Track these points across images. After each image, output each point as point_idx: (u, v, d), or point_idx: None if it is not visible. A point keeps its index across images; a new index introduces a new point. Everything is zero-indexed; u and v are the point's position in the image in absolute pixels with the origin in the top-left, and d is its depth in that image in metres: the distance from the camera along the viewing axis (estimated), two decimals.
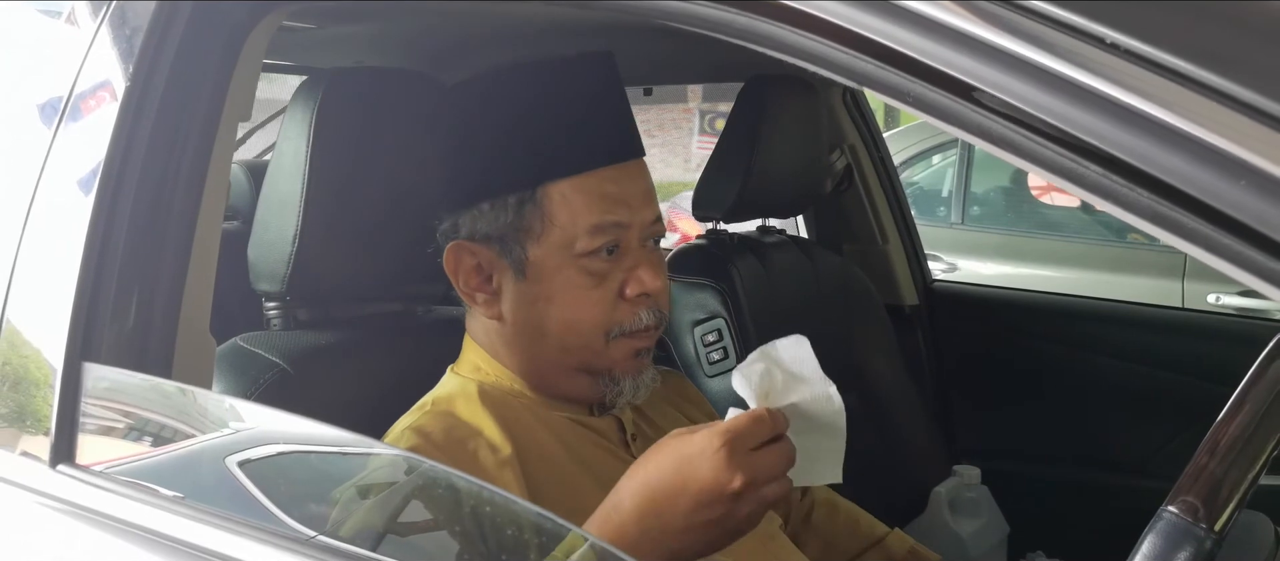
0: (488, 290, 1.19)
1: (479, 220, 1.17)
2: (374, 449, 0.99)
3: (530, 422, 1.17)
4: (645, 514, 0.93)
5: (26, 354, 1.11)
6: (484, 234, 1.17)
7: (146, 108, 1.10)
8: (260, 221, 1.32)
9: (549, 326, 1.16)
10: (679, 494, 0.92)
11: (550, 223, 1.14)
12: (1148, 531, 0.75)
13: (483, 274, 1.18)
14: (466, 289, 1.19)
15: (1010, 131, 0.67)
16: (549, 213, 1.14)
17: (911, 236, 2.54)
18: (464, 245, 1.18)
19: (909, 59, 0.69)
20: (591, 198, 1.14)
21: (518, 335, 1.18)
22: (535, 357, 1.19)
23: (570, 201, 1.14)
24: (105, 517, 0.98)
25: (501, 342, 1.20)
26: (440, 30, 1.98)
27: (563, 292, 1.15)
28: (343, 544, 0.89)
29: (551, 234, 1.14)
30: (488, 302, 1.19)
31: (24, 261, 1.11)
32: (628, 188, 1.16)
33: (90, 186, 1.09)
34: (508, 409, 1.17)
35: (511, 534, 0.84)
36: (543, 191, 1.14)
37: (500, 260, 1.17)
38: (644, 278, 1.16)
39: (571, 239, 1.14)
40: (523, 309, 1.17)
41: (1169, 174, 0.59)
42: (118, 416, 1.06)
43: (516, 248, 1.16)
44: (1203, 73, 0.60)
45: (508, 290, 1.18)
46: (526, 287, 1.16)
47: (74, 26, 1.18)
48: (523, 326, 1.18)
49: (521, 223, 1.15)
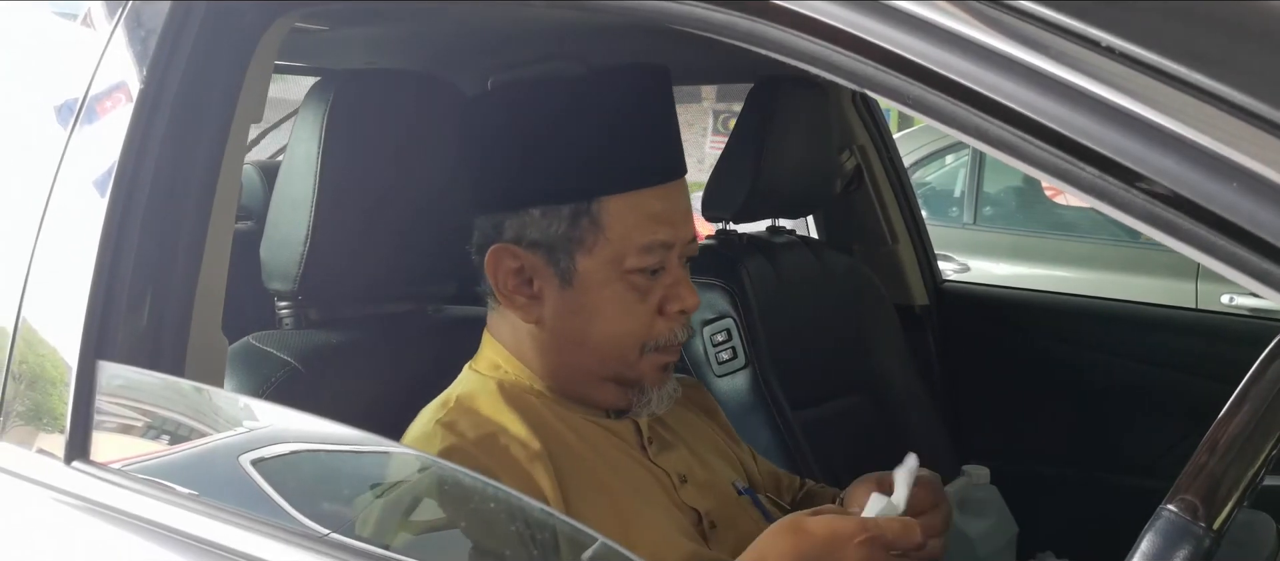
0: (527, 293, 1.18)
1: (528, 225, 1.16)
2: (395, 448, 1.01)
3: (551, 421, 1.17)
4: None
5: (43, 352, 1.12)
6: (532, 240, 1.16)
7: (160, 109, 1.12)
8: (272, 221, 1.33)
9: (589, 336, 1.17)
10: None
11: (603, 237, 1.15)
12: (1147, 529, 0.76)
13: (523, 277, 1.18)
14: (505, 290, 1.19)
15: (1007, 133, 0.68)
16: (602, 225, 1.14)
17: (921, 237, 2.54)
18: (508, 248, 1.17)
19: (907, 61, 0.70)
20: (643, 216, 1.15)
21: (555, 341, 1.19)
22: (569, 364, 1.19)
23: (624, 218, 1.15)
24: (119, 513, 0.99)
25: (533, 345, 1.20)
26: (452, 32, 2.00)
27: (607, 305, 1.16)
28: (354, 541, 0.91)
29: (602, 247, 1.15)
30: (526, 307, 1.18)
31: (40, 261, 1.12)
32: (675, 207, 1.18)
33: (105, 187, 1.10)
34: (528, 406, 1.18)
35: (550, 537, 0.87)
36: (599, 204, 1.14)
37: (546, 267, 1.17)
38: (684, 295, 1.18)
39: (621, 255, 1.15)
40: (564, 317, 1.17)
41: (1162, 176, 0.60)
42: (132, 414, 1.08)
43: (565, 257, 1.16)
44: (1195, 75, 0.60)
45: (550, 297, 1.18)
46: (571, 297, 1.17)
47: (90, 28, 1.19)
48: (562, 334, 1.18)
49: (574, 233, 1.15)
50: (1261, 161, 0.58)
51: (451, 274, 1.46)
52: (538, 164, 1.16)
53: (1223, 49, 0.64)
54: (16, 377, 1.11)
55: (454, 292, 1.49)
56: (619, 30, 1.79)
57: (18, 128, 1.23)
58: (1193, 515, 0.75)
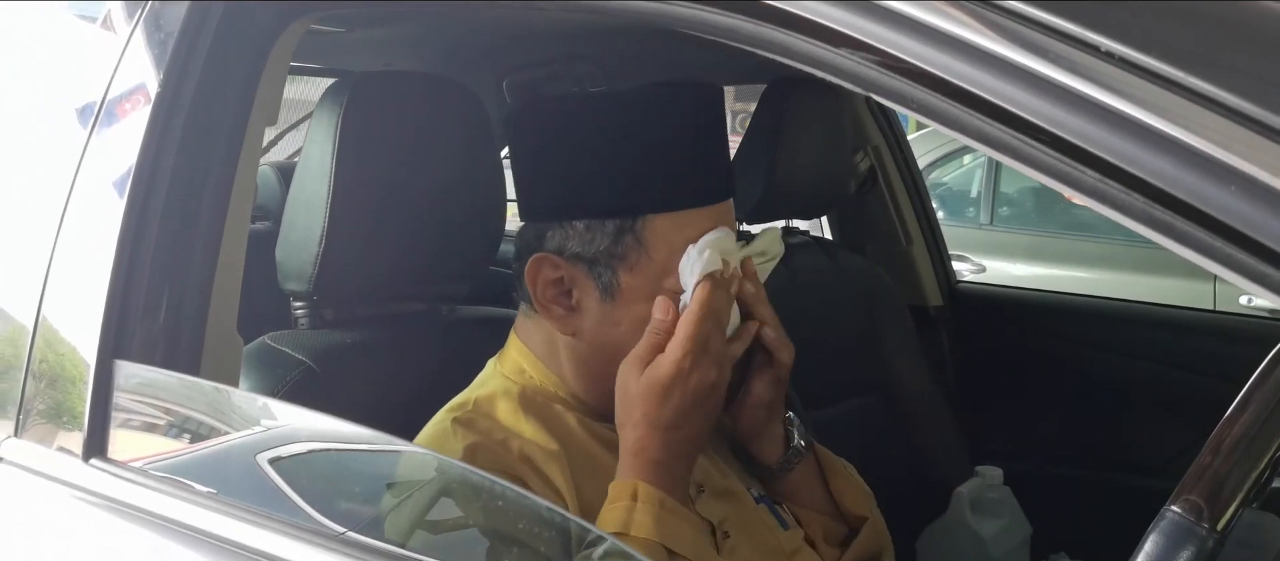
0: (565, 305, 1.17)
1: (571, 237, 1.15)
2: (407, 448, 1.02)
3: (572, 427, 1.17)
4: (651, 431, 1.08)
5: (62, 351, 1.14)
6: (574, 252, 1.15)
7: (177, 110, 1.13)
8: (288, 222, 1.34)
9: (628, 349, 1.14)
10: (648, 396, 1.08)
11: (646, 253, 1.13)
12: (1150, 530, 0.76)
13: (562, 288, 1.17)
14: (543, 300, 1.17)
15: (1008, 136, 0.69)
16: (646, 242, 1.13)
17: (935, 238, 2.54)
18: (549, 258, 1.16)
19: (909, 65, 0.71)
20: (687, 237, 1.13)
21: (591, 353, 1.18)
22: (601, 377, 1.16)
23: (668, 238, 1.13)
24: (137, 511, 1.00)
25: (568, 355, 1.19)
26: (466, 34, 2.01)
27: (646, 321, 1.14)
28: (370, 540, 0.92)
29: (646, 264, 1.13)
30: (562, 318, 1.17)
31: (60, 260, 1.14)
32: (721, 226, 1.15)
33: (124, 187, 1.12)
34: (550, 412, 1.17)
35: (564, 536, 0.89)
36: (644, 222, 1.13)
37: (587, 279, 1.16)
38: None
39: (664, 272, 1.13)
40: (604, 330, 1.16)
41: (1158, 178, 0.60)
42: (149, 412, 1.09)
43: (608, 272, 1.14)
44: (1193, 79, 0.61)
45: (589, 309, 1.16)
46: (611, 311, 1.15)
47: (110, 30, 1.21)
48: (600, 346, 1.17)
49: (618, 249, 1.14)
50: (1259, 165, 0.59)
51: (465, 274, 1.47)
52: (584, 177, 1.15)
53: (1221, 52, 0.65)
54: (37, 376, 1.13)
55: (468, 293, 1.50)
56: (630, 32, 1.80)
57: (38, 129, 1.25)
58: (1197, 516, 0.75)
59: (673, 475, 1.09)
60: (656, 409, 1.08)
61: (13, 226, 1.22)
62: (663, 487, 1.07)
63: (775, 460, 1.25)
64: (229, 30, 1.14)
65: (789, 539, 1.22)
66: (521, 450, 1.12)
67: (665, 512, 1.06)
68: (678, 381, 1.08)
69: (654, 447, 1.08)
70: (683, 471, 1.11)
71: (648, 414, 1.08)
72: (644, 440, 1.09)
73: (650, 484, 1.07)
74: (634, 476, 1.08)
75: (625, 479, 1.09)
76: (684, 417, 1.08)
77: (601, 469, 1.15)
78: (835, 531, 1.29)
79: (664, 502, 1.07)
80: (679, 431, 1.09)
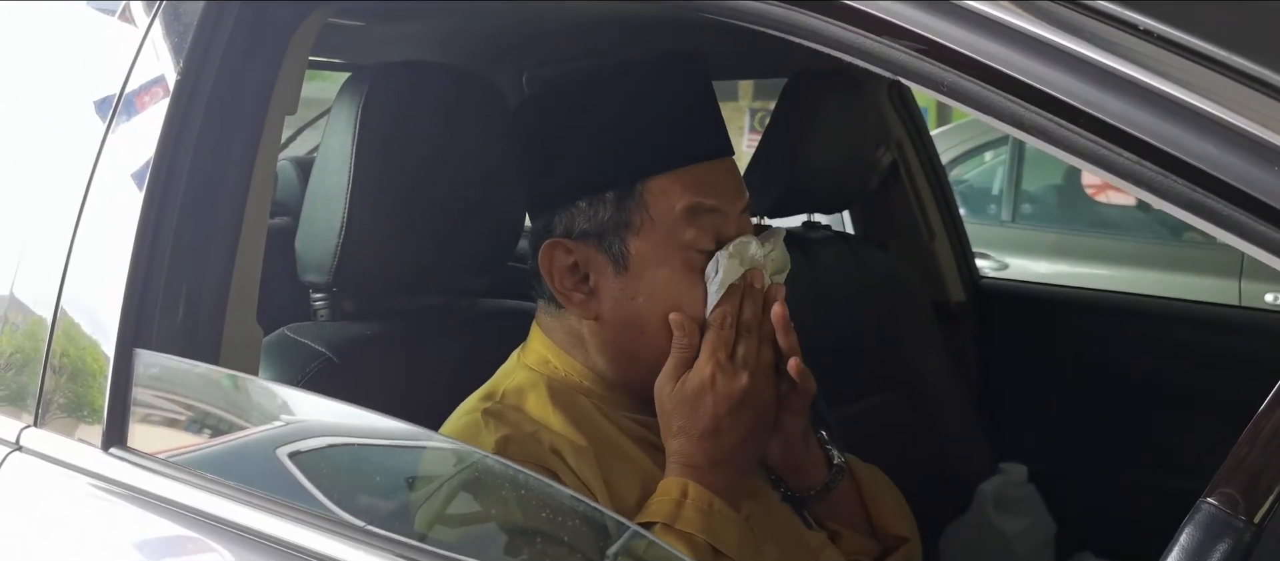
0: (583, 290, 1.18)
1: (576, 216, 1.17)
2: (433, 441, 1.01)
3: (599, 420, 1.17)
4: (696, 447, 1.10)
5: (83, 345, 1.14)
6: (582, 231, 1.16)
7: (196, 102, 1.13)
8: (307, 214, 1.34)
9: (650, 321, 1.15)
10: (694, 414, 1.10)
11: (649, 215, 1.15)
12: (1186, 523, 0.75)
13: (578, 273, 1.17)
14: (562, 288, 1.18)
15: (1044, 119, 0.67)
16: (647, 204, 1.15)
17: (958, 233, 2.52)
18: (560, 243, 1.17)
19: (941, 47, 0.69)
20: (688, 188, 1.15)
21: (615, 334, 1.18)
22: (631, 356, 1.18)
23: (668, 193, 1.15)
24: (158, 500, 1.00)
25: (594, 341, 1.19)
26: (488, 28, 2.00)
27: (665, 285, 1.15)
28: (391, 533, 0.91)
29: (651, 226, 1.15)
30: (583, 303, 1.18)
31: (79, 252, 1.13)
32: (721, 179, 1.18)
33: (144, 177, 1.12)
34: (577, 405, 1.17)
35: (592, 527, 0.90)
36: (642, 185, 1.15)
37: (599, 256, 1.16)
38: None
39: (671, 231, 1.15)
40: (623, 304, 1.16)
41: (1201, 160, 0.59)
42: (168, 402, 1.09)
43: (616, 242, 1.16)
44: (1235, 58, 0.59)
45: (607, 287, 1.17)
46: (627, 283, 1.16)
47: (128, 23, 1.21)
48: (623, 324, 1.17)
49: (621, 217, 1.15)
50: None
51: (485, 267, 1.46)
52: (577, 157, 1.17)
53: (1263, 30, 0.63)
54: (57, 370, 1.12)
55: (487, 286, 1.49)
56: (654, 24, 1.79)
57: (59, 123, 1.25)
58: (1233, 508, 0.74)
59: (717, 481, 1.10)
60: (691, 419, 1.10)
61: (34, 218, 1.22)
62: (711, 490, 1.09)
63: (821, 481, 1.25)
64: (247, 22, 1.14)
65: (814, 536, 1.22)
66: (552, 443, 1.13)
67: (714, 513, 1.08)
68: (706, 389, 1.10)
69: (695, 455, 1.10)
70: (728, 479, 1.11)
71: (684, 426, 1.11)
72: (684, 449, 1.11)
73: (699, 485, 1.09)
74: (683, 478, 1.10)
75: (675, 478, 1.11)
76: (720, 424, 1.10)
77: (630, 463, 1.15)
78: (870, 549, 1.28)
79: (713, 504, 1.08)
80: (718, 439, 1.10)
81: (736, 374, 1.11)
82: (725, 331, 1.11)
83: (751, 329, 1.13)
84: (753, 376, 1.12)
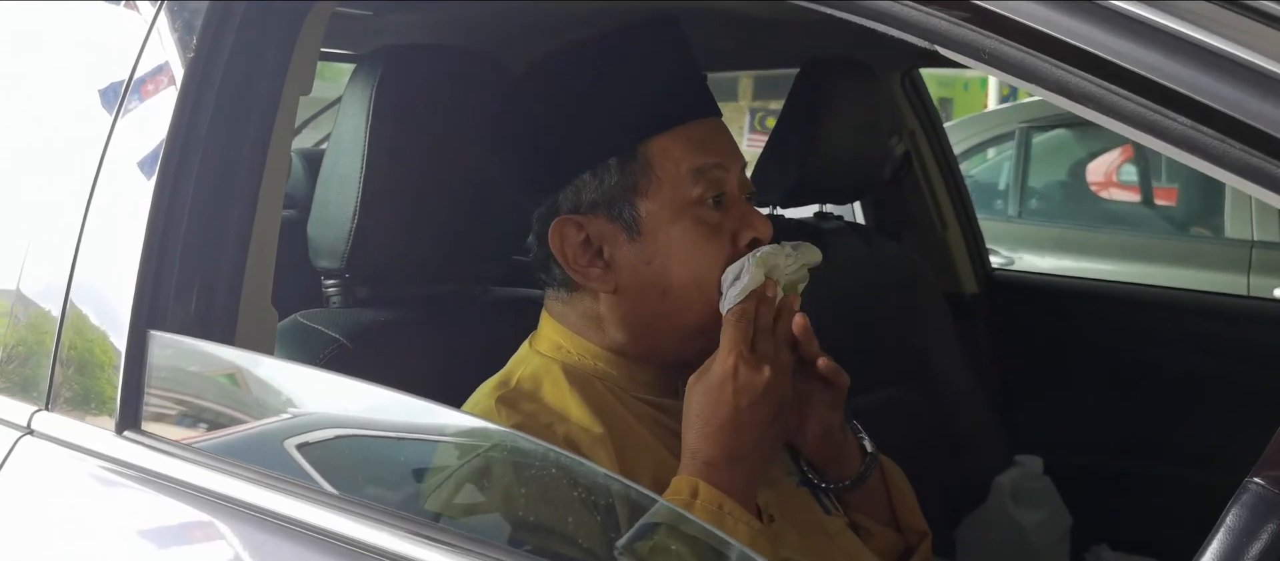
0: (599, 263, 1.17)
1: (582, 190, 1.17)
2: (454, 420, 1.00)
3: (615, 405, 1.17)
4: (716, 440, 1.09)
5: (92, 337, 1.12)
6: (589, 202, 1.17)
7: (209, 85, 1.11)
8: (319, 199, 1.32)
9: (670, 283, 1.15)
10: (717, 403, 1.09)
11: (655, 175, 1.15)
12: (1232, 503, 0.73)
13: (591, 248, 1.17)
14: (577, 265, 1.17)
15: (1089, 84, 0.65)
16: (651, 165, 1.16)
17: (971, 224, 2.50)
18: (568, 219, 1.17)
19: (981, 10, 0.67)
20: (689, 144, 1.16)
21: (636, 303, 1.17)
22: (654, 323, 1.17)
23: (670, 151, 1.16)
24: (172, 482, 0.99)
25: (612, 316, 1.18)
26: (499, 14, 1.99)
27: (679, 245, 1.15)
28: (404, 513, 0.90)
29: (658, 186, 1.15)
30: (601, 277, 1.17)
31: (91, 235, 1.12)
32: (719, 137, 1.20)
33: (155, 163, 1.10)
34: (592, 389, 1.17)
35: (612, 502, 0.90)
36: (643, 148, 1.16)
37: (610, 226, 1.16)
38: (755, 223, 1.18)
39: (679, 188, 1.15)
40: (640, 270, 1.16)
41: (1263, 122, 0.57)
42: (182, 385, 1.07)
43: (626, 207, 1.16)
44: None
45: (622, 256, 1.17)
46: (641, 247, 1.16)
47: (137, 5, 1.19)
48: (643, 289, 1.16)
49: (627, 182, 1.16)
50: None
51: (499, 254, 1.44)
52: (575, 130, 1.18)
53: None
54: (66, 360, 1.11)
55: (501, 273, 1.47)
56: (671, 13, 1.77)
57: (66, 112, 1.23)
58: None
59: (732, 479, 1.08)
60: (710, 411, 1.09)
61: (44, 202, 1.20)
62: (722, 490, 1.07)
63: (856, 471, 1.25)
64: (258, 4, 1.13)
65: (832, 522, 1.22)
66: (567, 435, 1.12)
67: (723, 514, 1.07)
68: (726, 381, 1.09)
69: (711, 450, 1.09)
70: (742, 476, 1.10)
71: (701, 414, 1.10)
72: (698, 442, 1.10)
73: (710, 485, 1.07)
74: (694, 477, 1.09)
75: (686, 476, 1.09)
76: (737, 417, 1.09)
77: (647, 448, 1.15)
78: (896, 544, 1.28)
79: (723, 505, 1.07)
80: (736, 434, 1.09)
81: (759, 367, 1.10)
82: (745, 325, 1.11)
83: (769, 330, 1.13)
84: (774, 371, 1.11)
